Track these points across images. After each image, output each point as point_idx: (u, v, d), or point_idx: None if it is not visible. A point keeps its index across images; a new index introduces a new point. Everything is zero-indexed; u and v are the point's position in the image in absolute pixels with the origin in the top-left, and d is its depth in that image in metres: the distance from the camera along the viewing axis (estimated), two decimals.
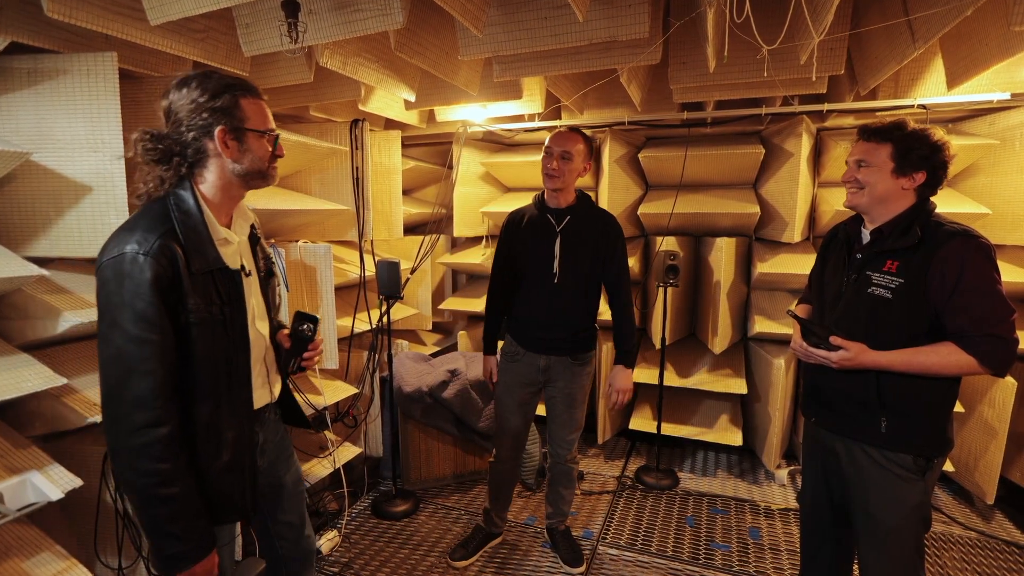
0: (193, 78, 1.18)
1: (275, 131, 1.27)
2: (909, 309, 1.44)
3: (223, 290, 1.21)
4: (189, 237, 1.15)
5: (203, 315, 1.16)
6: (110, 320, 1.08)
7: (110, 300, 1.08)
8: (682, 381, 3.22)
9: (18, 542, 1.73)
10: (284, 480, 1.55)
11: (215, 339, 1.19)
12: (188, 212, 1.17)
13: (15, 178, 1.75)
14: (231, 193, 1.26)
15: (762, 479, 3.17)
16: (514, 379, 2.29)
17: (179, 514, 1.13)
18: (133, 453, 1.09)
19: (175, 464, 1.12)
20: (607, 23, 1.77)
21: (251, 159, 1.22)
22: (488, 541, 2.54)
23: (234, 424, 1.25)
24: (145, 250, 1.08)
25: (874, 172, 1.49)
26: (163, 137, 1.17)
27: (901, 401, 1.47)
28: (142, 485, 1.10)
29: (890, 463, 1.48)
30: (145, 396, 1.08)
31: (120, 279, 1.07)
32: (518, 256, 2.23)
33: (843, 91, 2.70)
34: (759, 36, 1.63)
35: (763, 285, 3.20)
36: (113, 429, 1.11)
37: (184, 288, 1.12)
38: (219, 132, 1.17)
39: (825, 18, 1.52)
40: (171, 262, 1.10)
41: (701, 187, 3.23)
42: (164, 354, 1.10)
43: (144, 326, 1.07)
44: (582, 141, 2.07)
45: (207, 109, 1.15)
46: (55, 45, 1.76)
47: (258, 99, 1.24)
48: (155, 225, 1.12)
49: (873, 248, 1.52)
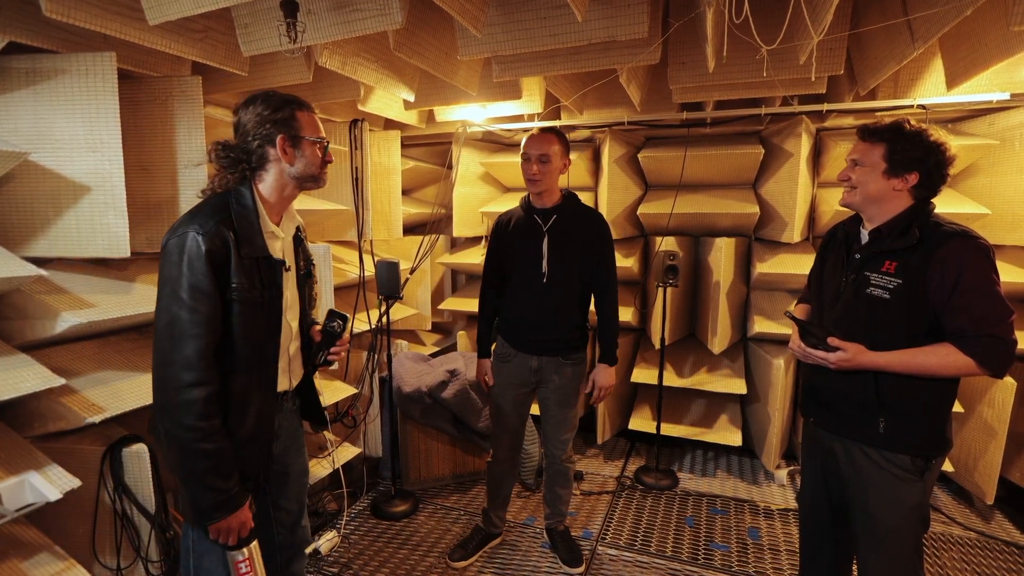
0: (259, 95, 1.38)
1: (326, 140, 1.44)
2: (908, 310, 1.43)
3: (265, 277, 1.36)
4: (242, 226, 1.32)
5: (246, 295, 1.30)
6: (169, 291, 1.23)
7: (171, 272, 1.23)
8: (681, 381, 3.21)
9: (16, 543, 1.73)
10: (290, 469, 1.62)
11: (254, 318, 1.33)
12: (245, 205, 1.34)
13: (13, 178, 1.75)
14: (285, 193, 1.43)
15: (761, 479, 3.17)
16: (507, 380, 2.30)
17: (216, 469, 1.26)
18: (179, 409, 1.22)
19: (213, 423, 1.25)
20: (606, 23, 1.77)
21: (305, 164, 1.40)
22: (487, 541, 2.54)
23: (258, 399, 1.38)
24: (204, 231, 1.24)
25: (867, 172, 1.49)
26: (233, 147, 1.37)
27: (900, 401, 1.47)
28: (185, 439, 1.23)
29: (889, 463, 1.48)
30: (192, 358, 1.22)
31: (180, 254, 1.23)
32: (507, 258, 2.24)
33: (843, 91, 2.70)
34: (758, 36, 1.63)
35: (763, 285, 3.20)
36: (162, 387, 1.24)
37: (232, 268, 1.28)
38: (280, 140, 1.35)
39: (824, 18, 1.52)
40: (224, 244, 1.27)
41: (701, 187, 3.23)
42: (212, 323, 1.24)
43: (198, 296, 1.22)
44: (557, 141, 2.07)
45: (270, 120, 1.35)
46: (54, 45, 1.76)
47: (311, 112, 1.42)
48: (215, 212, 1.30)
49: (872, 248, 1.52)
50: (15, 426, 1.80)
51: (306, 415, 1.69)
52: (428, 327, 3.81)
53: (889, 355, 1.44)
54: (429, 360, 3.25)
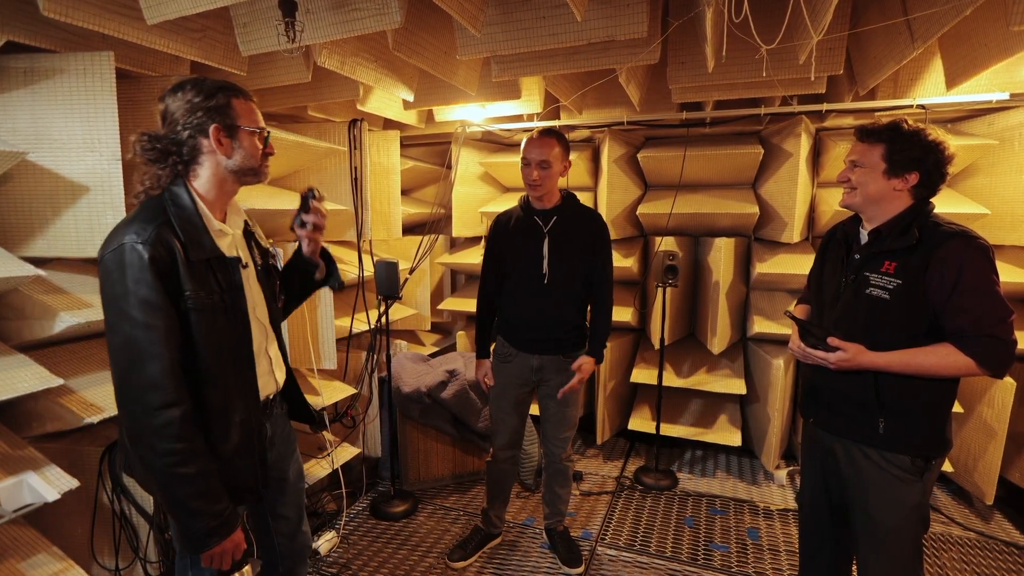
0: (188, 82, 1.24)
1: (266, 129, 1.33)
2: (907, 310, 1.43)
3: (222, 278, 1.26)
4: (185, 228, 1.20)
5: (203, 302, 1.20)
6: (116, 310, 1.13)
7: (114, 290, 1.13)
8: (681, 381, 3.21)
9: (14, 543, 1.72)
10: (288, 475, 1.57)
11: (217, 325, 1.23)
12: (182, 206, 1.22)
13: (12, 178, 1.74)
14: (224, 188, 1.31)
15: (761, 479, 3.17)
16: (508, 380, 2.29)
17: (200, 493, 1.18)
18: (152, 434, 1.14)
19: (192, 444, 1.16)
20: (605, 23, 1.77)
21: (243, 155, 1.28)
22: (487, 542, 2.53)
23: (241, 407, 1.30)
24: (143, 239, 1.13)
25: (866, 173, 1.49)
26: (160, 138, 1.23)
27: (899, 402, 1.47)
28: (163, 465, 1.14)
29: (888, 464, 1.48)
30: (156, 378, 1.13)
31: (121, 269, 1.12)
32: (507, 258, 2.23)
33: (842, 91, 2.70)
34: (758, 36, 1.62)
35: (762, 285, 3.20)
36: (130, 413, 1.15)
37: (181, 276, 1.17)
38: (213, 130, 1.23)
39: (824, 18, 1.51)
40: (168, 250, 1.16)
41: (700, 187, 3.23)
42: (169, 338, 1.15)
43: (149, 311, 1.12)
44: (557, 144, 2.05)
45: (202, 108, 1.22)
46: (52, 44, 1.76)
47: (249, 100, 1.30)
48: (151, 217, 1.17)
49: (871, 249, 1.52)
50: (13, 426, 1.79)
51: (295, 417, 1.62)
52: (427, 327, 3.81)
53: (889, 355, 1.44)
54: (428, 360, 3.25)
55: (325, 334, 2.64)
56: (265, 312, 1.44)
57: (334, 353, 2.66)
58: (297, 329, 2.59)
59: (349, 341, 3.00)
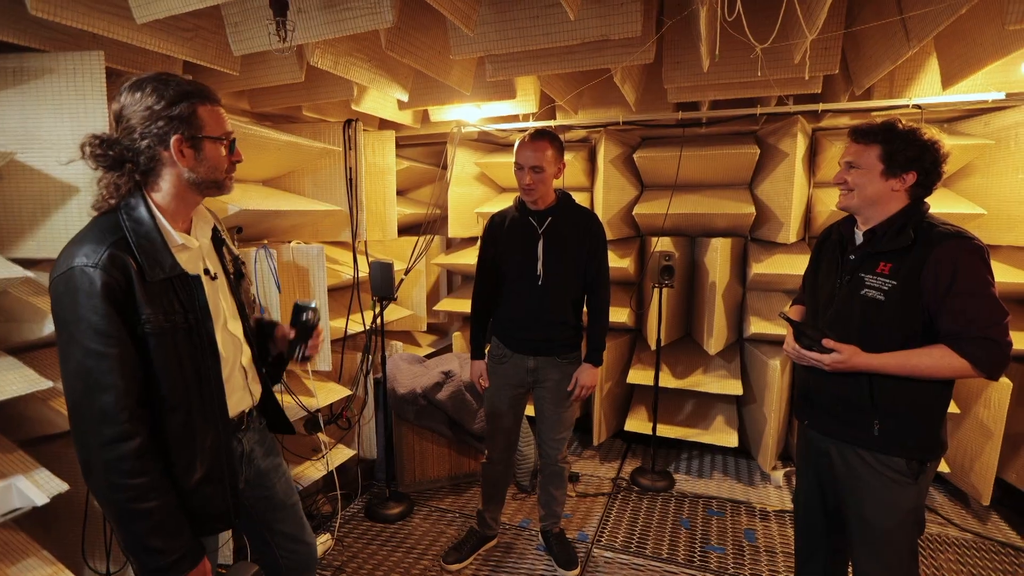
0: (148, 82, 1.13)
1: (231, 134, 1.24)
2: (902, 311, 1.42)
3: (184, 297, 1.17)
4: (142, 246, 1.11)
5: (161, 325, 1.12)
6: (67, 336, 1.06)
7: (65, 315, 1.06)
8: (677, 382, 3.20)
9: (4, 547, 1.70)
10: (275, 489, 1.51)
11: (179, 348, 1.16)
12: (139, 220, 1.13)
13: (1, 178, 1.73)
14: (186, 200, 1.22)
15: (758, 480, 3.16)
16: (503, 381, 2.28)
17: (159, 528, 1.11)
18: (105, 468, 1.07)
19: (149, 478, 1.09)
20: (599, 22, 1.76)
21: (207, 168, 1.19)
22: (482, 544, 2.52)
23: (209, 431, 1.22)
24: (94, 262, 1.05)
25: (864, 174, 1.48)
26: (114, 142, 1.12)
27: (894, 404, 1.46)
28: (117, 500, 1.08)
29: (883, 466, 1.47)
30: (110, 410, 1.06)
31: (72, 293, 1.05)
32: (502, 259, 2.22)
33: (838, 91, 2.69)
34: (752, 35, 1.62)
35: (759, 286, 3.19)
36: (83, 444, 1.09)
37: (138, 299, 1.09)
38: (175, 141, 1.13)
39: (819, 17, 1.50)
40: (122, 272, 1.07)
41: (697, 187, 3.22)
42: (124, 367, 1.07)
43: (101, 339, 1.05)
44: (550, 146, 2.03)
45: (163, 117, 1.11)
46: (41, 44, 1.74)
47: (216, 104, 1.20)
48: (104, 236, 1.09)
49: (866, 249, 1.51)
50: (3, 429, 1.77)
51: (273, 428, 1.55)
52: (423, 328, 3.79)
53: (884, 357, 1.43)
54: (424, 361, 3.24)
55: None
56: (238, 324, 1.37)
57: (329, 355, 2.65)
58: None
59: (344, 342, 2.99)
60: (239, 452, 1.36)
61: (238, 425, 1.37)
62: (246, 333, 1.39)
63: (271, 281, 2.36)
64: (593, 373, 2.23)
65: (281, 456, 1.57)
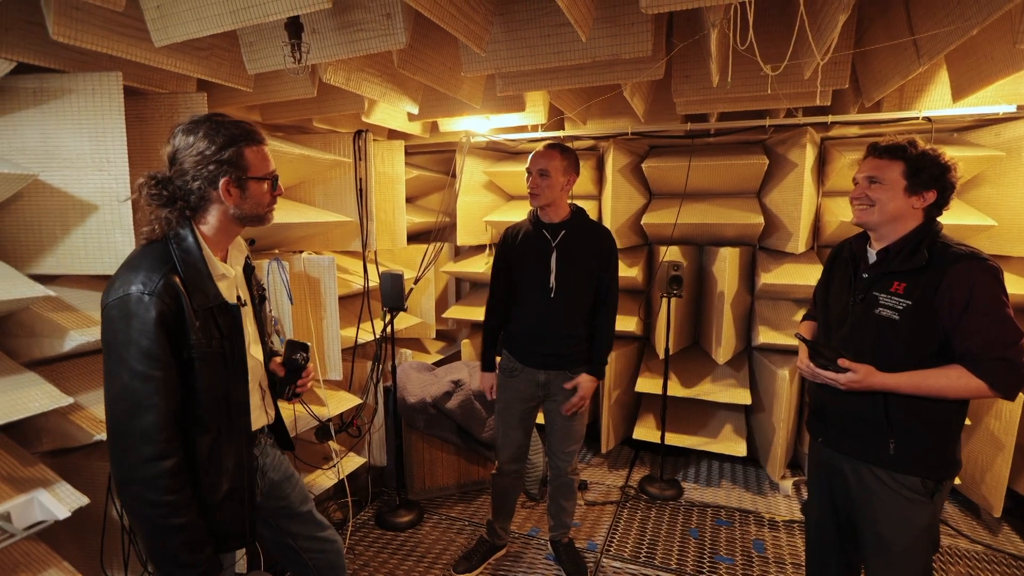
0: (201, 125, 1.22)
1: (274, 172, 1.32)
2: (917, 331, 1.43)
3: (223, 324, 1.25)
4: (190, 275, 1.20)
5: (204, 350, 1.20)
6: (116, 357, 1.13)
7: (116, 338, 1.13)
8: (686, 391, 3.21)
9: (25, 558, 1.73)
10: (291, 499, 1.59)
11: (215, 372, 1.23)
12: (188, 251, 1.22)
13: (22, 196, 1.76)
14: (229, 232, 1.32)
15: (767, 489, 3.16)
16: (514, 395, 2.30)
17: (188, 543, 1.18)
18: (143, 485, 1.14)
19: (182, 495, 1.17)
20: (610, 41, 1.77)
21: (251, 205, 1.28)
22: (492, 553, 2.54)
23: (232, 452, 1.29)
24: (150, 290, 1.13)
25: (886, 190, 1.48)
26: (168, 182, 1.21)
27: (909, 422, 1.46)
28: (152, 516, 1.15)
29: (898, 485, 1.47)
30: (151, 430, 1.13)
31: (127, 318, 1.12)
32: (514, 272, 2.24)
33: (847, 102, 2.69)
34: (763, 53, 1.62)
35: (767, 295, 3.20)
36: (122, 462, 1.15)
37: (187, 324, 1.17)
38: (223, 183, 1.22)
39: (830, 38, 1.51)
40: (175, 300, 1.15)
41: (705, 196, 3.22)
42: (168, 390, 1.14)
43: (149, 363, 1.12)
44: (559, 156, 2.07)
45: (213, 161, 1.20)
46: (61, 64, 1.77)
47: (261, 144, 1.29)
48: (158, 265, 1.17)
49: (880, 268, 1.51)
50: (23, 441, 1.80)
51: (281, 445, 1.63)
52: (432, 335, 3.81)
53: (899, 377, 1.43)
54: (434, 370, 3.26)
55: (331, 344, 2.65)
56: (259, 348, 1.45)
57: (339, 363, 2.67)
58: (302, 339, 2.59)
59: (355, 351, 3.02)
60: (255, 466, 1.43)
61: (253, 440, 1.43)
62: (264, 356, 1.46)
63: (283, 293, 2.39)
64: (592, 384, 2.23)
65: (291, 467, 1.64)
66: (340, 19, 1.69)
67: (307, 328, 2.60)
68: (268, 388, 1.48)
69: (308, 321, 2.61)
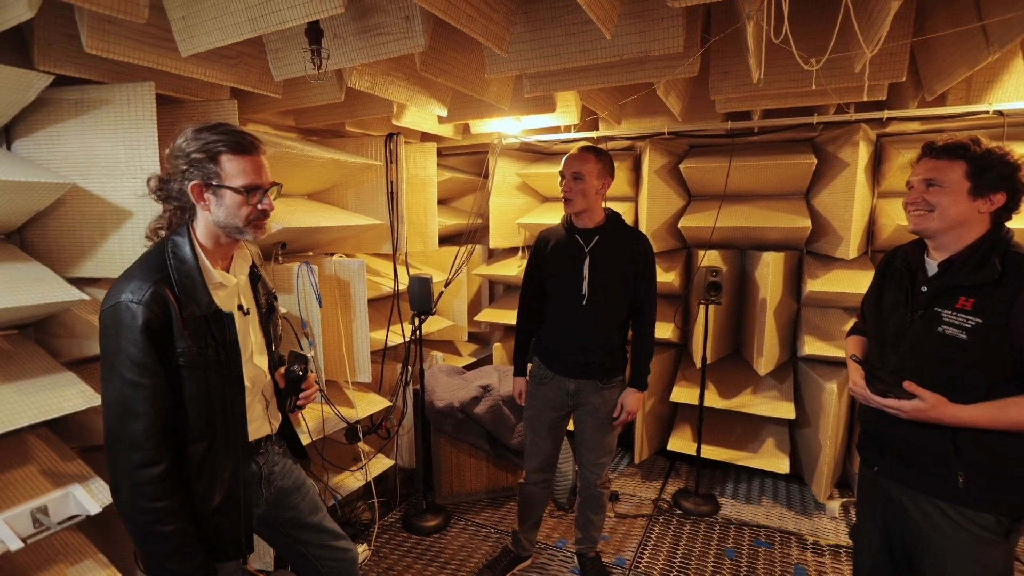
0: (195, 129, 1.22)
1: (255, 185, 1.24)
2: (988, 352, 1.27)
3: (217, 332, 1.25)
4: (183, 284, 1.20)
5: (194, 358, 1.20)
6: (109, 365, 1.16)
7: (109, 346, 1.15)
8: (724, 402, 3.06)
9: (65, 548, 1.82)
10: (300, 508, 1.57)
11: (209, 380, 1.23)
12: (183, 259, 1.22)
13: (64, 203, 1.84)
14: (220, 241, 1.29)
15: (811, 510, 2.97)
16: (543, 403, 2.24)
17: (176, 551, 1.18)
18: (131, 491, 1.15)
19: (170, 502, 1.17)
20: (638, 38, 1.68)
21: (225, 214, 1.23)
22: (516, 564, 2.49)
23: (229, 462, 1.28)
24: (138, 299, 1.14)
25: (946, 193, 1.32)
26: (165, 180, 1.24)
27: (981, 454, 1.30)
28: (139, 521, 1.16)
29: (969, 522, 1.31)
30: (139, 437, 1.14)
31: (117, 327, 1.14)
32: (547, 278, 2.18)
33: (906, 96, 2.47)
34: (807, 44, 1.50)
35: (815, 303, 3.00)
36: (114, 467, 1.17)
37: (175, 333, 1.17)
38: (192, 187, 1.21)
39: (881, 28, 1.37)
40: (163, 308, 1.16)
41: (748, 198, 3.06)
42: (156, 397, 1.15)
43: (138, 371, 1.13)
44: (593, 159, 2.00)
45: (186, 161, 1.20)
46: (101, 76, 1.84)
47: (246, 154, 1.22)
48: (149, 274, 1.18)
49: (942, 281, 1.36)
50: (64, 436, 1.89)
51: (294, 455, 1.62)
52: (465, 338, 3.80)
53: (975, 409, 1.27)
54: (463, 373, 3.24)
55: (359, 347, 2.66)
56: (264, 357, 1.44)
57: (368, 366, 2.69)
58: (332, 342, 2.63)
59: (384, 353, 3.03)
60: (257, 475, 1.43)
61: (256, 449, 1.43)
62: (271, 365, 1.45)
63: (312, 296, 2.42)
64: (638, 398, 2.18)
65: (303, 475, 1.63)
66: (360, 23, 1.68)
67: (336, 331, 2.63)
68: (273, 397, 1.48)
69: (338, 324, 2.63)
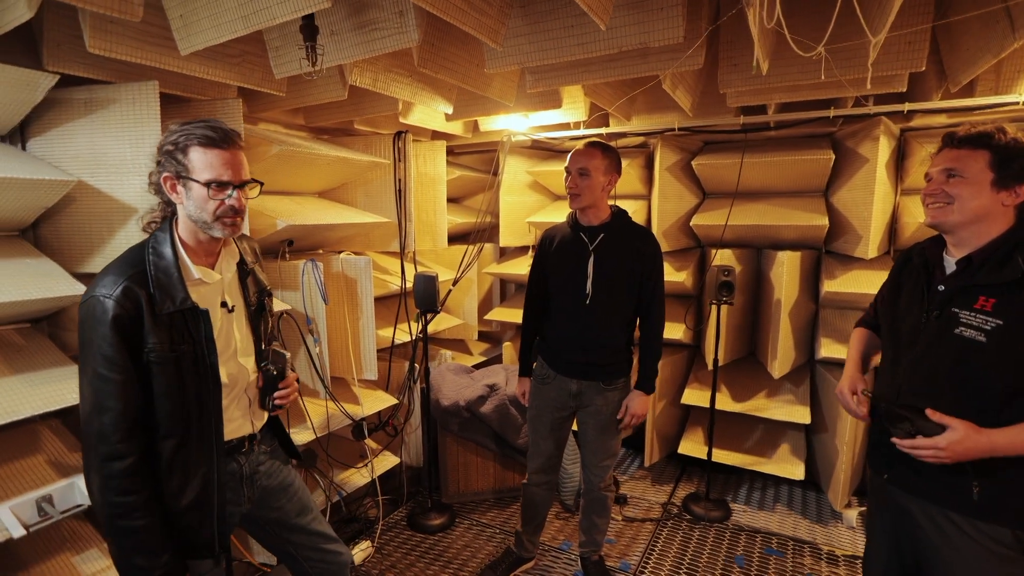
0: (180, 122, 1.23)
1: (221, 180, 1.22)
2: (1010, 356, 1.18)
3: (193, 329, 1.24)
4: (159, 280, 1.20)
5: (165, 354, 1.20)
6: (83, 358, 1.17)
7: (83, 337, 1.17)
8: (737, 406, 2.97)
9: (71, 536, 1.86)
10: (286, 509, 1.56)
11: (183, 377, 1.23)
12: (161, 255, 1.23)
13: (74, 200, 1.88)
14: (198, 236, 1.29)
15: (827, 518, 2.87)
16: (545, 403, 2.21)
17: (141, 546, 1.18)
18: (99, 484, 1.17)
19: (136, 497, 1.17)
20: (636, 29, 1.63)
21: (194, 208, 1.23)
22: (518, 565, 2.47)
23: (202, 460, 1.28)
24: (109, 293, 1.15)
25: (968, 184, 1.24)
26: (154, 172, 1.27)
27: (998, 464, 1.22)
28: (107, 515, 1.17)
29: (983, 536, 1.23)
30: (107, 431, 1.15)
31: (91, 321, 1.15)
32: (551, 275, 2.15)
33: (929, 88, 2.36)
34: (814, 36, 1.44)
35: (833, 304, 2.89)
36: (85, 458, 1.19)
37: (146, 329, 1.18)
38: (164, 178, 1.23)
39: (888, 16, 1.30)
40: (134, 304, 1.16)
41: (764, 195, 2.97)
42: (125, 392, 1.16)
43: (107, 365, 1.14)
44: (600, 155, 1.96)
45: (161, 153, 1.23)
46: (109, 76, 1.88)
47: (212, 148, 1.21)
48: (125, 269, 1.19)
49: (960, 280, 1.28)
50: (73, 427, 1.94)
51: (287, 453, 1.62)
52: (475, 337, 3.78)
53: (1012, 432, 1.18)
54: (471, 372, 3.22)
55: (366, 344, 2.67)
56: (250, 356, 1.43)
57: (375, 363, 2.69)
58: (339, 339, 2.64)
59: (391, 351, 3.04)
60: (239, 474, 1.41)
61: (238, 448, 1.41)
62: (258, 363, 1.44)
63: (317, 293, 2.43)
64: (644, 401, 2.12)
65: (292, 476, 1.61)
66: (356, 19, 1.67)
67: (343, 328, 2.64)
68: (256, 398, 1.46)
69: (344, 321, 2.64)
